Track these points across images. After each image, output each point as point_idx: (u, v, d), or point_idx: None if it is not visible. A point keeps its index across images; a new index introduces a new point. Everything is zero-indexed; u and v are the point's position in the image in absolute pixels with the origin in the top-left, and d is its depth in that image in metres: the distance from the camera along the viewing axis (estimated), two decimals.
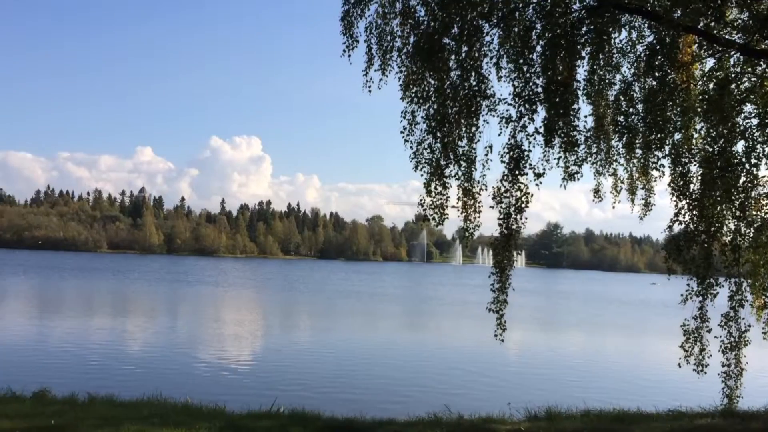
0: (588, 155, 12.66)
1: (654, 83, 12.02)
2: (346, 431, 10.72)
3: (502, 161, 11.30)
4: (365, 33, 12.25)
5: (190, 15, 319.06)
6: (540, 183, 11.19)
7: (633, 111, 12.58)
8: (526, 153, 11.16)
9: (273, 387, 18.60)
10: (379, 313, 47.11)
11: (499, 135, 11.30)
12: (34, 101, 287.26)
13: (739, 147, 11.77)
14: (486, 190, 11.84)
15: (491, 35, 11.60)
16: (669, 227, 12.23)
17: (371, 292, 68.06)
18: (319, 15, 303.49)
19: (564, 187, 11.74)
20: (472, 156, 11.89)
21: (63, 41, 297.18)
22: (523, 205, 11.34)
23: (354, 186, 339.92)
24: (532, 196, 11.28)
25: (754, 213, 12.09)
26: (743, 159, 11.49)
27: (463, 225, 12.04)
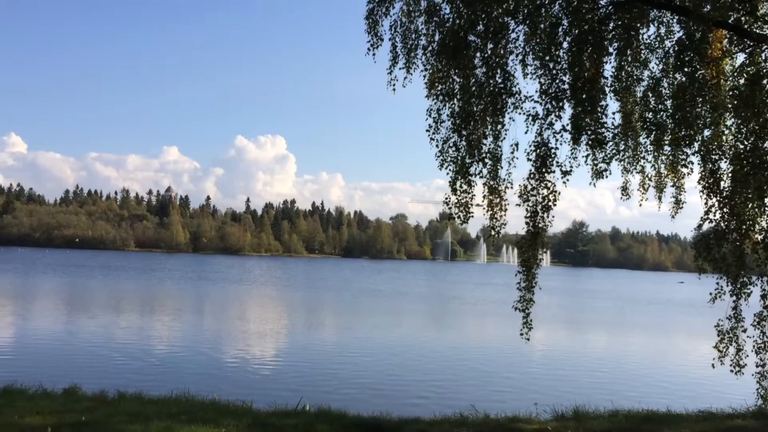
0: (616, 152, 12.50)
1: (683, 79, 11.80)
2: (372, 430, 10.71)
3: (528, 159, 11.22)
4: (390, 31, 12.25)
5: (214, 16, 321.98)
6: (567, 181, 11.10)
7: (661, 107, 12.37)
8: (553, 151, 11.07)
9: (298, 385, 18.68)
10: (403, 312, 47.08)
11: (526, 133, 11.22)
12: (63, 102, 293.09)
13: None
14: (512, 188, 11.79)
15: (517, 32, 11.52)
16: (699, 225, 12.05)
17: (395, 290, 68.05)
18: (343, 14, 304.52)
19: (593, 185, 11.65)
20: (497, 154, 11.84)
21: (89, 43, 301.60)
22: (550, 204, 11.24)
23: (378, 184, 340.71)
24: (559, 194, 11.19)
25: None
26: None
27: (489, 223, 11.98)
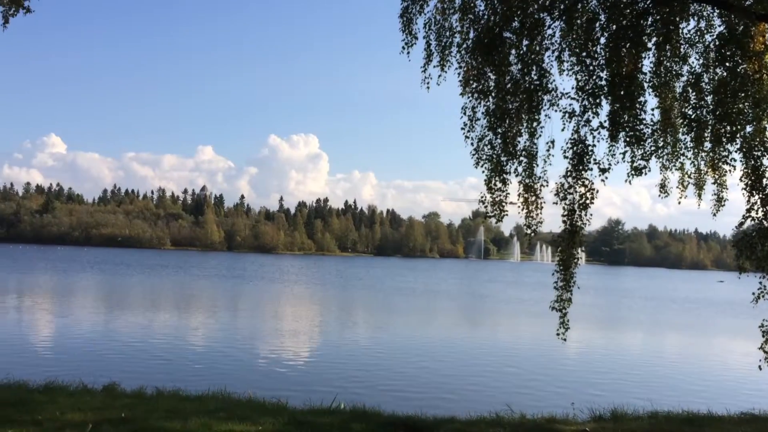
0: (654, 149, 12.27)
1: (724, 74, 11.57)
2: (407, 429, 10.68)
3: (565, 157, 11.09)
4: (424, 29, 12.25)
5: (247, 14, 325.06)
6: (606, 178, 10.95)
7: (702, 103, 12.11)
8: (590, 148, 10.93)
9: (332, 383, 18.74)
10: (436, 310, 46.96)
11: (562, 130, 11.10)
12: (101, 103, 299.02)
13: None
14: (547, 186, 11.67)
15: (553, 28, 11.40)
16: (740, 223, 11.78)
17: (428, 289, 67.92)
18: (375, 12, 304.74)
19: (629, 183, 11.46)
20: (533, 151, 11.75)
21: (125, 44, 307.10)
22: (588, 202, 11.10)
23: (410, 183, 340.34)
24: (597, 191, 11.04)
25: None
26: None
27: (525, 222, 11.88)
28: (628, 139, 11.06)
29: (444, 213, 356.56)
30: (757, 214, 11.47)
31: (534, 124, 11.57)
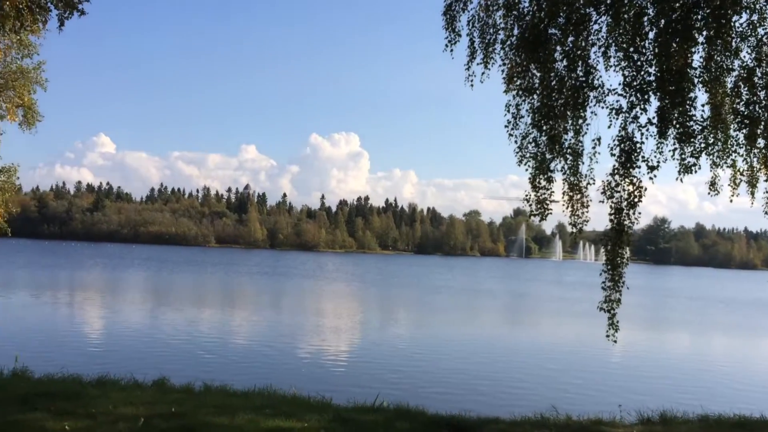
0: (705, 146, 11.96)
1: None
2: (451, 428, 10.66)
3: (612, 154, 10.88)
4: (467, 26, 12.15)
5: (289, 14, 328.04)
6: (654, 176, 10.72)
7: (755, 99, 11.75)
8: (638, 145, 10.70)
9: (375, 381, 18.82)
10: (478, 309, 46.70)
11: (609, 127, 10.88)
12: (148, 103, 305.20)
13: None
14: (593, 184, 11.49)
15: (599, 23, 11.18)
16: None
17: (469, 287, 67.60)
18: (414, 8, 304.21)
19: (681, 180, 11.19)
20: (578, 149, 11.56)
21: (171, 47, 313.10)
22: (636, 200, 10.87)
23: (451, 181, 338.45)
24: (645, 190, 10.82)
25: None
26: None
27: (570, 220, 11.72)
28: (678, 136, 10.81)
29: (485, 211, 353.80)
30: None
31: (580, 121, 11.38)
